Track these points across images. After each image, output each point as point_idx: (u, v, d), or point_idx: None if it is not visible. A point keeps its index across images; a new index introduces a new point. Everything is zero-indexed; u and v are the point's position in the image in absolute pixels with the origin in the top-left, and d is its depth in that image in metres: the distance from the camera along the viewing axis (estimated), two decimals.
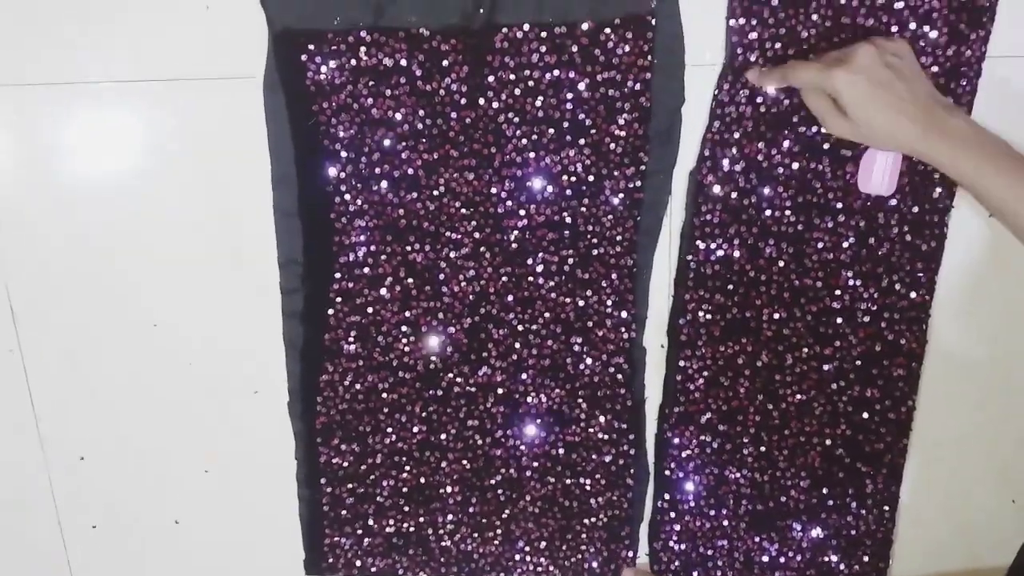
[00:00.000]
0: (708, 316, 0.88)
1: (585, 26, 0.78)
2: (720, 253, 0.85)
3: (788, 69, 0.75)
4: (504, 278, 0.87)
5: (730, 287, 0.87)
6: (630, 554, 0.98)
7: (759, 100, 0.80)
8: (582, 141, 0.82)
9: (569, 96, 0.80)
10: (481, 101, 0.81)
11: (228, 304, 0.91)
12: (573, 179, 0.83)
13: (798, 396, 0.90)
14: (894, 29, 0.77)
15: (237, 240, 0.89)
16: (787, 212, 0.84)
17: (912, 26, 0.77)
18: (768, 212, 0.84)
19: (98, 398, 0.96)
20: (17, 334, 0.93)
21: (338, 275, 0.87)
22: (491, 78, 0.80)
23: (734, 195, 0.83)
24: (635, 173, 0.83)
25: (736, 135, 0.81)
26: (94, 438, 0.98)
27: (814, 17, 0.77)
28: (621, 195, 0.84)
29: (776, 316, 0.87)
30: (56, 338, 0.93)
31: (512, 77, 0.80)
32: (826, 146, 0.81)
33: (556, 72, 0.79)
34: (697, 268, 0.86)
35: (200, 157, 0.86)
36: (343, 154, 0.82)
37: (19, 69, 0.84)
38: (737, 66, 0.79)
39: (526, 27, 0.78)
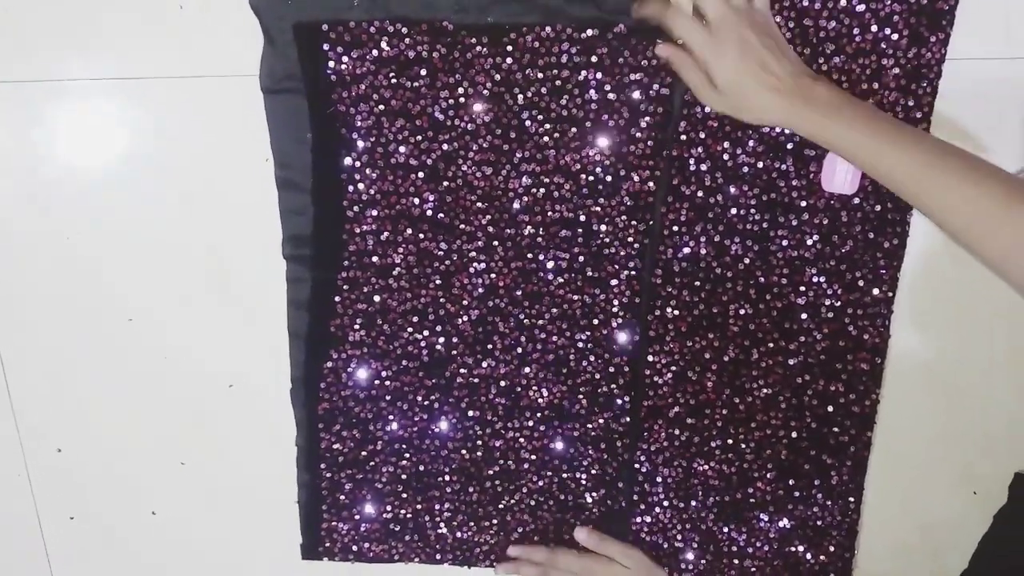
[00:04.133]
0: (676, 312, 0.89)
1: (617, 29, 0.79)
2: (687, 250, 0.87)
3: (669, 11, 0.74)
4: (514, 272, 0.88)
5: (697, 284, 0.88)
6: None
7: None
8: (603, 142, 0.83)
9: (594, 97, 0.82)
10: (506, 97, 0.82)
11: (204, 299, 0.92)
12: (591, 178, 0.85)
13: (764, 390, 0.92)
14: (855, 31, 0.78)
15: (213, 236, 0.90)
16: (752, 211, 0.85)
17: (873, 28, 0.78)
18: (734, 211, 0.85)
19: (75, 391, 0.97)
20: None
21: (346, 263, 0.88)
22: (518, 75, 0.81)
23: (700, 194, 0.85)
24: (650, 176, 0.84)
25: (702, 135, 0.83)
26: (71, 430, 0.99)
27: (776, 19, 0.78)
28: (635, 197, 0.85)
29: (742, 312, 0.89)
30: (34, 331, 0.94)
31: (540, 75, 0.81)
32: (790, 146, 0.83)
33: (584, 73, 0.81)
34: (665, 265, 0.88)
35: (178, 153, 0.87)
36: (359, 143, 0.84)
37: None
38: None
39: (558, 26, 0.79)
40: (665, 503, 0.98)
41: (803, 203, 0.85)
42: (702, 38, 0.72)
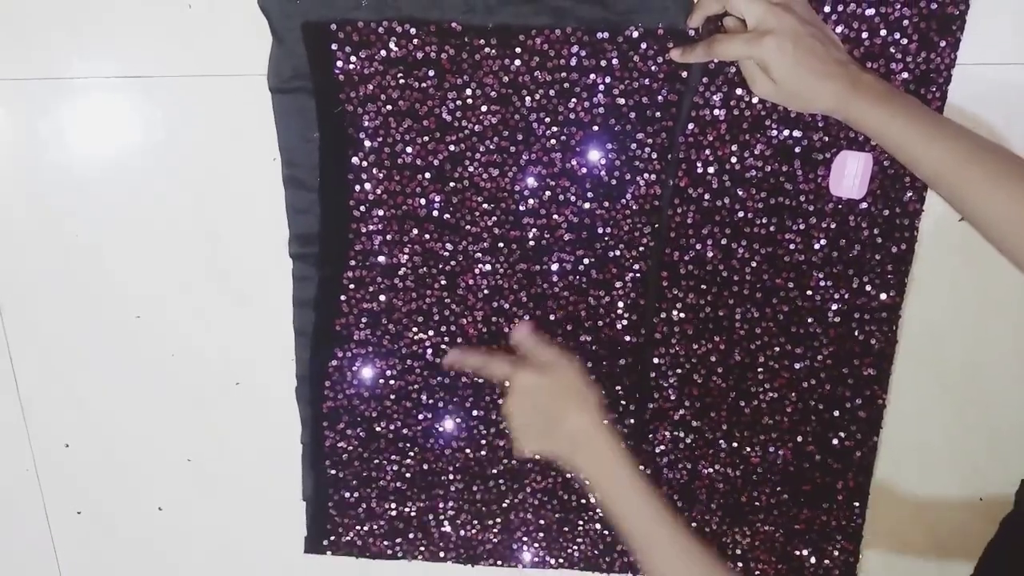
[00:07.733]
0: (682, 315, 0.89)
1: (628, 33, 0.79)
2: (693, 253, 0.87)
3: (713, 43, 0.74)
4: (519, 274, 0.89)
5: (703, 286, 0.88)
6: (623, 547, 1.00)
7: (733, 103, 0.81)
8: (609, 145, 0.83)
9: (602, 100, 0.82)
10: (514, 99, 0.82)
11: (211, 297, 0.93)
12: (596, 182, 0.85)
13: (770, 394, 0.92)
14: (864, 36, 0.78)
15: (221, 234, 0.91)
16: (759, 214, 0.85)
17: (883, 33, 0.78)
18: (741, 214, 0.85)
19: (83, 387, 0.97)
20: (3, 324, 0.95)
21: (352, 263, 0.89)
22: (527, 77, 0.81)
23: (707, 196, 0.85)
24: (656, 180, 0.84)
25: (710, 138, 0.83)
26: (79, 426, 0.99)
27: None
28: (640, 200, 0.85)
29: (748, 315, 0.89)
30: (42, 328, 0.95)
31: (548, 78, 0.81)
32: (798, 149, 0.83)
33: (592, 76, 0.81)
34: (671, 267, 0.87)
35: (186, 152, 0.88)
36: (367, 143, 0.84)
37: (4, 64, 0.85)
38: (711, 71, 0.80)
39: (567, 29, 0.79)
40: (669, 505, 0.97)
41: (811, 207, 0.84)
42: (756, 34, 0.72)
